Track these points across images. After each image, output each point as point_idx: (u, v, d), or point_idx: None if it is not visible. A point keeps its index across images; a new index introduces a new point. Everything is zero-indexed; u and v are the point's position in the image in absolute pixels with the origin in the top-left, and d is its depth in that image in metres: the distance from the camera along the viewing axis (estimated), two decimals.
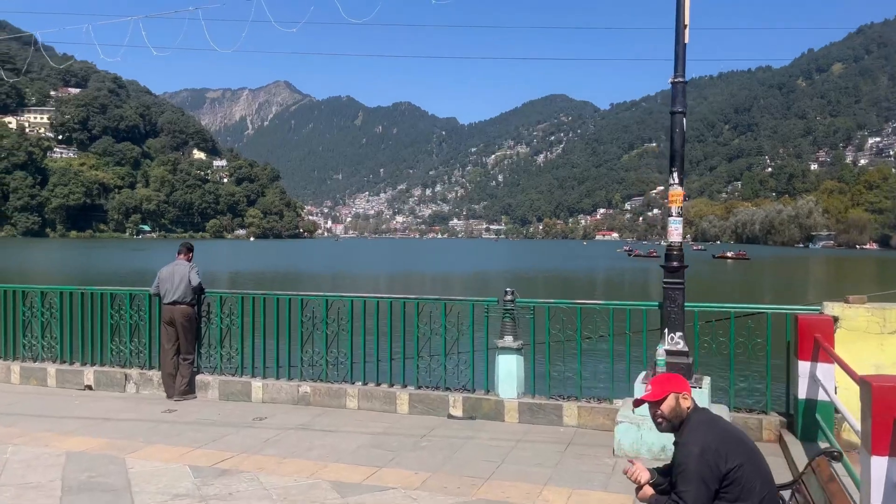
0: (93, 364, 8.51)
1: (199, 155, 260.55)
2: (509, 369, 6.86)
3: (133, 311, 8.28)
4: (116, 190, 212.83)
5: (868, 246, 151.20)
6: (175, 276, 7.89)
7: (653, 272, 55.45)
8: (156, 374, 8.10)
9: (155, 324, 8.16)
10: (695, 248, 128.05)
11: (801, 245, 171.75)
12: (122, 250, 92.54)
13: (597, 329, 6.81)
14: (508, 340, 6.84)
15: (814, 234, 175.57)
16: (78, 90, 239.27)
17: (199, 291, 8.02)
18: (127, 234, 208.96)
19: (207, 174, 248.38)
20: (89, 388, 8.34)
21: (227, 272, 49.60)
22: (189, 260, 8.13)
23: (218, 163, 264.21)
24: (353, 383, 7.52)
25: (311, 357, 7.67)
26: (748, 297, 33.30)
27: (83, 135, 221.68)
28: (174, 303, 7.83)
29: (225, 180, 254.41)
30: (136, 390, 8.23)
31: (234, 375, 7.97)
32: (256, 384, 7.75)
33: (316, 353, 7.64)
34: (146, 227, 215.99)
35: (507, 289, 6.89)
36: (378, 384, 7.52)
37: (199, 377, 7.99)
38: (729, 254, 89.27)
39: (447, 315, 7.17)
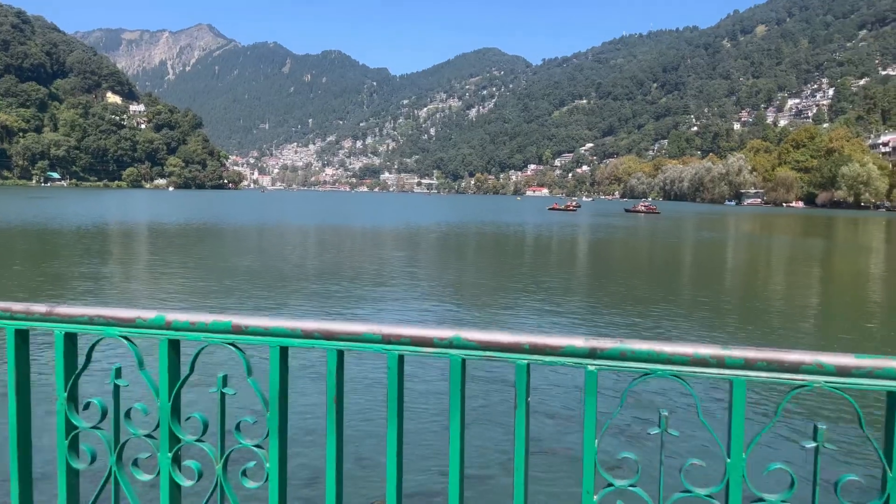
0: None
1: (113, 99, 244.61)
2: None
3: None
4: (21, 134, 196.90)
5: (794, 204, 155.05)
6: None
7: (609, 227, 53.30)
8: None
9: None
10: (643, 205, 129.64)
11: (732, 202, 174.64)
12: (22, 198, 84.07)
13: None
14: None
15: (742, 191, 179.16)
16: None
17: None
18: (34, 181, 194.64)
19: (123, 119, 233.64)
20: None
21: (141, 222, 44.17)
22: None
23: (135, 108, 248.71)
24: None
25: None
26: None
27: None
28: None
29: (143, 126, 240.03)
30: None
31: None
32: None
33: None
34: (55, 175, 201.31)
35: None
36: None
37: None
38: (641, 208, 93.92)
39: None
